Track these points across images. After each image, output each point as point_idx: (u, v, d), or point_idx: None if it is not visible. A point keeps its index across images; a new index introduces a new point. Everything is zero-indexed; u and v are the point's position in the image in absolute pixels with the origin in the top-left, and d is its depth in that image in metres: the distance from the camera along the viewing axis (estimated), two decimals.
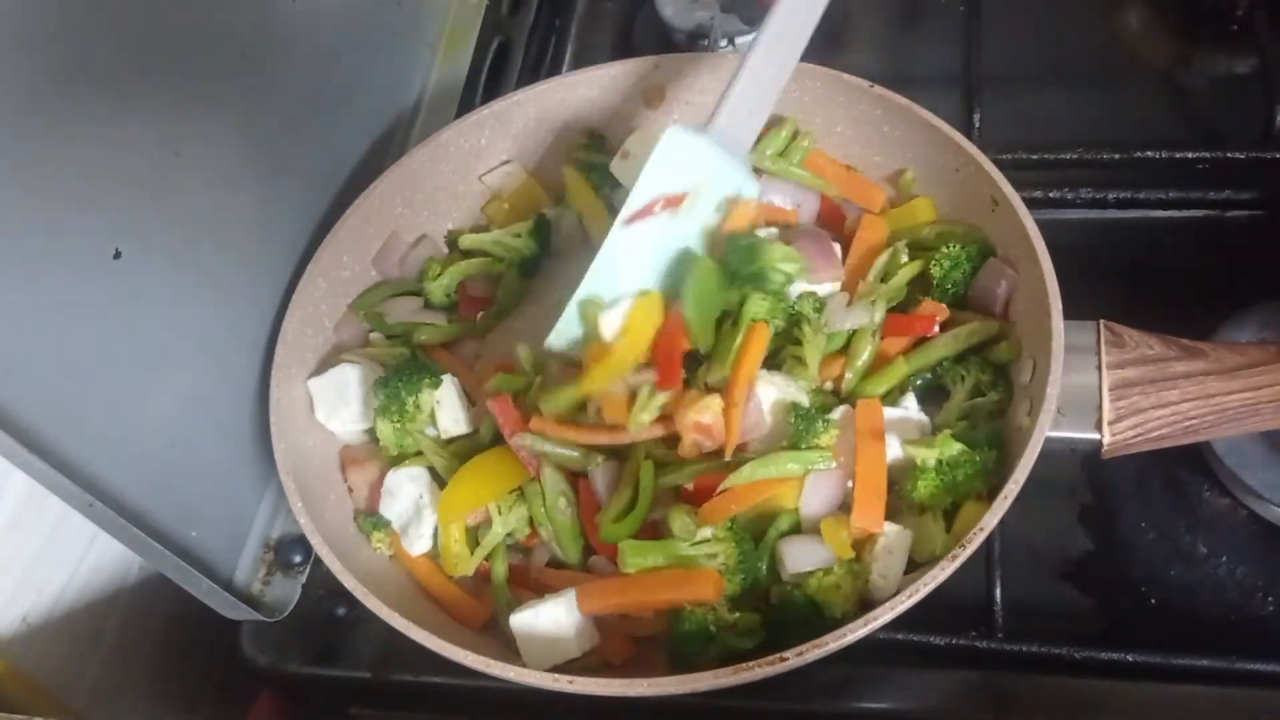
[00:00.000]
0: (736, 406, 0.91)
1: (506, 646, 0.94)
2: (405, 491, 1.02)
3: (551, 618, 0.91)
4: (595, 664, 0.93)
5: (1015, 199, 1.00)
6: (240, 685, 1.05)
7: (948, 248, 1.03)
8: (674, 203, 0.96)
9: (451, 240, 1.21)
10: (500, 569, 0.99)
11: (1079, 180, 1.17)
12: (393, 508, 1.02)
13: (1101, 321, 0.94)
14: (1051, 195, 1.17)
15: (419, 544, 1.00)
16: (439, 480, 1.03)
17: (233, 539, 1.05)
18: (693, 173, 0.96)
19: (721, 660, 0.85)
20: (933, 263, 1.03)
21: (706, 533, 0.91)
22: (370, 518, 1.02)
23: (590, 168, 1.20)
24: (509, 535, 1.00)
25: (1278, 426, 0.90)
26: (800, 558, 0.90)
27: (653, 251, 0.97)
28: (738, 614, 0.90)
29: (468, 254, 1.19)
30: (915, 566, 0.90)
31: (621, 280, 0.96)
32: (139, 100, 0.91)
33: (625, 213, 0.95)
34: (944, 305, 1.01)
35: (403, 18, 1.37)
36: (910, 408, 0.97)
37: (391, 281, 1.17)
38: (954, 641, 0.94)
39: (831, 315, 0.98)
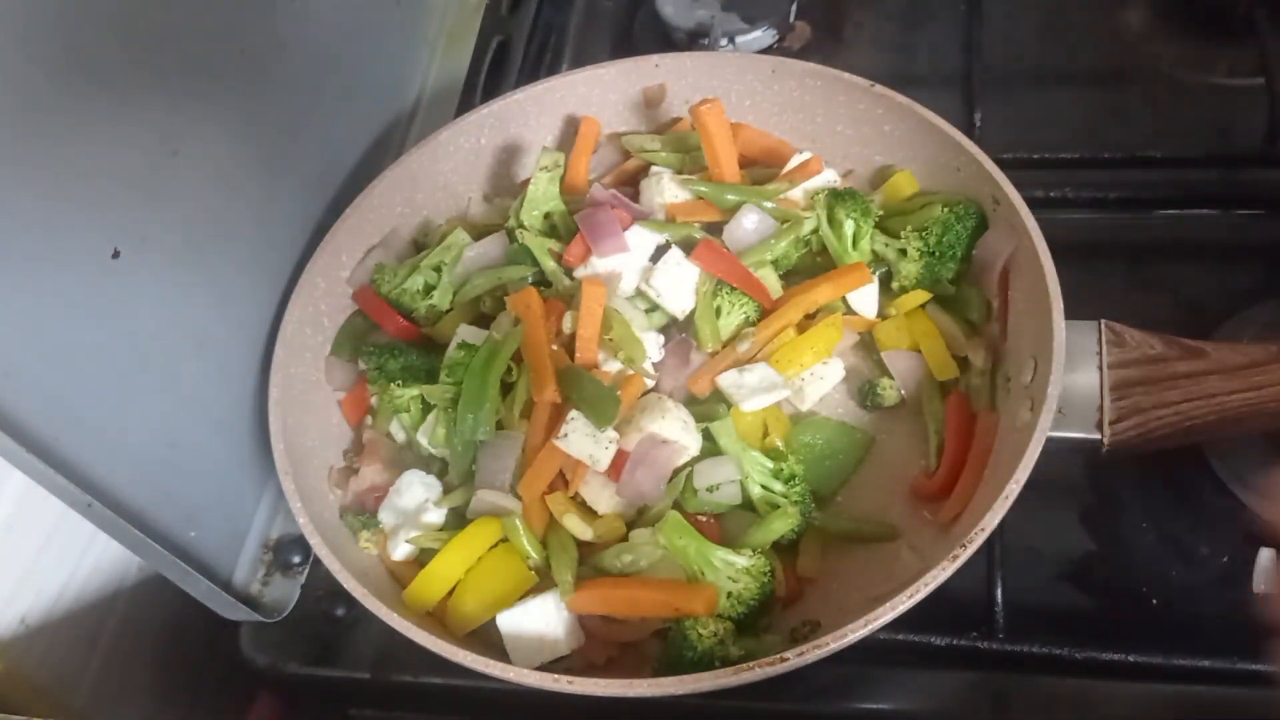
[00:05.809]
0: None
1: (492, 648, 0.93)
2: (413, 494, 1.01)
3: (540, 614, 0.91)
4: (579, 665, 0.93)
5: (1016, 198, 1.00)
6: (239, 685, 1.04)
7: (941, 210, 1.04)
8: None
9: None
10: None
11: (1080, 180, 1.17)
12: (394, 506, 1.01)
13: (1103, 321, 0.94)
14: (1052, 195, 1.16)
15: (404, 549, 0.99)
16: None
17: (232, 539, 1.05)
18: None
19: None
20: (926, 232, 1.04)
21: (742, 561, 0.90)
22: (359, 516, 1.02)
23: None
24: None
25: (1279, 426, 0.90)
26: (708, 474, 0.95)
27: None
28: (741, 650, 0.87)
29: None
30: None
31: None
32: (139, 100, 0.91)
33: None
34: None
35: (402, 17, 1.37)
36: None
37: None
38: (955, 642, 0.94)
39: None
